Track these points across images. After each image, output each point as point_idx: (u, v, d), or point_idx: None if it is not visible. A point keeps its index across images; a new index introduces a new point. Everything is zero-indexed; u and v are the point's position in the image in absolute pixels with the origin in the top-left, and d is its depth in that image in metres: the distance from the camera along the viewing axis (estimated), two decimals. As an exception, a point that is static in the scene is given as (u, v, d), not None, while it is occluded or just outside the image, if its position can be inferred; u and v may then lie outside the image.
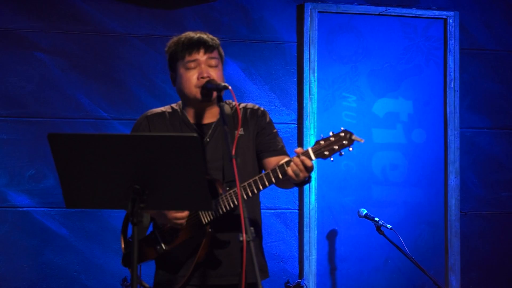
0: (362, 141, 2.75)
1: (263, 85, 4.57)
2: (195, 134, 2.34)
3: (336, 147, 2.75)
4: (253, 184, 2.79)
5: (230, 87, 2.76)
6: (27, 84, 4.33)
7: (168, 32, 4.42)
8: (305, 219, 4.49)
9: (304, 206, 4.49)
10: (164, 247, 2.92)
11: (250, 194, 2.79)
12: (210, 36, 2.97)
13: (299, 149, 2.75)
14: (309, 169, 2.74)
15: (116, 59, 4.43)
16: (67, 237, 4.31)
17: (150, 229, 3.04)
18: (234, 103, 3.01)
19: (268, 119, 3.05)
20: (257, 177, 2.79)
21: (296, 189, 4.54)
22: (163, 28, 4.47)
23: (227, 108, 2.95)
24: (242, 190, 2.77)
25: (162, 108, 3.06)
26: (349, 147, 2.75)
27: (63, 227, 4.31)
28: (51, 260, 4.30)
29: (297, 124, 4.58)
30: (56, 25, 4.37)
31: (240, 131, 2.96)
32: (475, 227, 4.76)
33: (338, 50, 4.64)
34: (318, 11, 4.58)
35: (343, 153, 2.76)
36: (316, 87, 4.57)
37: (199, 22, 4.48)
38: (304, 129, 4.52)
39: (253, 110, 3.04)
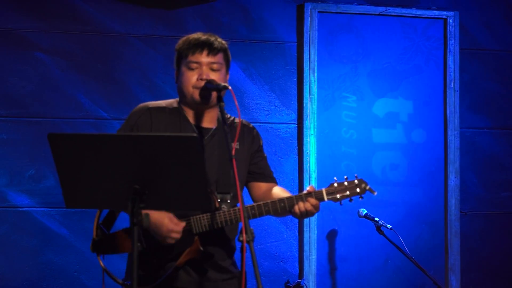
0: (375, 193, 2.93)
1: (263, 85, 4.57)
2: (195, 134, 2.34)
3: (348, 193, 2.90)
4: (256, 208, 2.84)
5: (230, 87, 2.77)
6: (27, 84, 4.33)
7: (168, 32, 4.42)
8: (305, 219, 4.49)
9: (304, 206, 4.49)
10: (144, 245, 2.86)
11: (250, 217, 2.81)
12: (219, 39, 2.97)
13: (311, 188, 2.85)
14: (316, 210, 2.85)
15: (116, 59, 4.43)
16: (67, 237, 4.31)
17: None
18: (229, 116, 3.06)
19: (261, 142, 3.11)
20: (261, 203, 2.84)
21: (296, 187, 4.54)
22: (163, 28, 4.47)
23: None
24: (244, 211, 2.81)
25: (162, 103, 3.03)
26: (360, 195, 2.91)
27: (63, 227, 4.31)
28: (51, 260, 4.30)
29: (297, 124, 4.58)
30: (56, 25, 4.37)
31: (236, 145, 2.97)
32: (475, 227, 4.76)
33: (338, 50, 4.64)
34: (318, 11, 4.58)
35: (352, 199, 2.91)
36: (316, 87, 4.57)
37: (199, 22, 4.48)
38: (304, 129, 4.52)
39: (249, 128, 3.09)
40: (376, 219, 4.28)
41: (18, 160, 4.30)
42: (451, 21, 4.74)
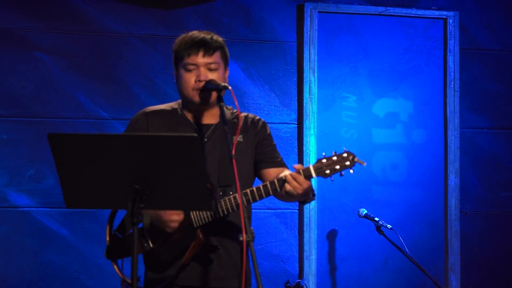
0: (364, 164, 2.77)
1: (263, 85, 4.57)
2: (195, 134, 2.33)
3: (338, 167, 2.77)
4: (249, 194, 2.80)
5: (230, 87, 2.77)
6: (27, 84, 4.33)
7: (168, 32, 4.42)
8: (305, 219, 4.49)
9: (304, 206, 4.49)
10: (151, 244, 2.87)
11: (245, 203, 2.79)
12: (215, 37, 2.94)
13: (298, 166, 2.77)
14: (303, 185, 2.75)
15: (116, 59, 4.43)
16: (67, 237, 4.31)
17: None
18: (235, 110, 3.02)
19: (268, 131, 3.06)
20: (254, 188, 2.79)
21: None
22: (163, 28, 4.47)
23: (227, 113, 2.96)
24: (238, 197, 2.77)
25: (161, 106, 3.05)
26: (350, 168, 2.78)
27: (63, 227, 4.31)
28: (51, 260, 4.30)
29: (297, 124, 4.58)
30: (56, 25, 4.37)
31: (239, 138, 2.96)
32: (475, 227, 4.76)
33: (338, 50, 4.64)
34: (318, 11, 4.58)
35: (343, 173, 2.78)
36: (316, 87, 4.57)
37: (199, 22, 4.48)
38: (304, 129, 4.52)
39: (254, 120, 3.05)
40: (376, 219, 4.28)
41: (18, 160, 4.30)
42: (451, 21, 4.74)
